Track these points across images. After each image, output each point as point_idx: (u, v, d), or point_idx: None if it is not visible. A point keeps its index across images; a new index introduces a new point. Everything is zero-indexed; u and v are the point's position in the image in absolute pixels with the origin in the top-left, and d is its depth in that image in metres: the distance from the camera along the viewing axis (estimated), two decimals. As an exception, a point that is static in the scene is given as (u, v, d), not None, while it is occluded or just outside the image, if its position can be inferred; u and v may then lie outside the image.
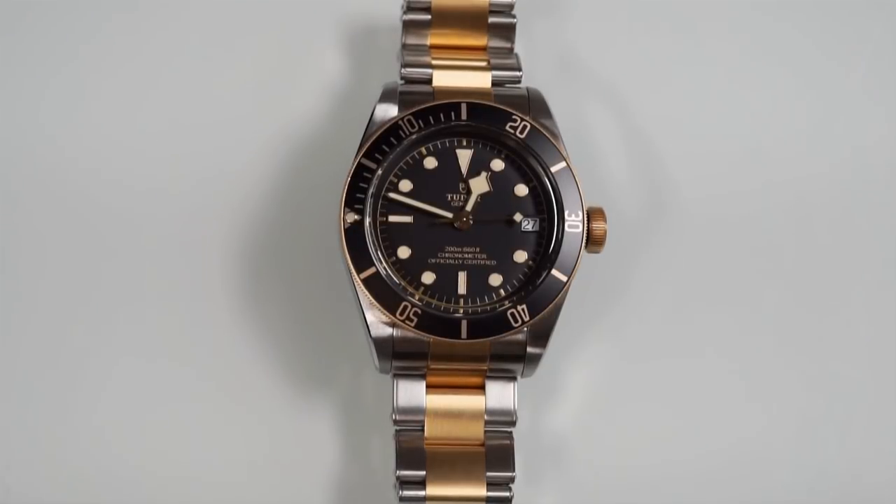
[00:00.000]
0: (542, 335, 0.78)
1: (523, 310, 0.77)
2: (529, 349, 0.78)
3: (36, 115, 0.85)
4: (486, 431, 0.79)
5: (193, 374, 0.84)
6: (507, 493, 0.78)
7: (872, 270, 0.87)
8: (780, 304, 0.86)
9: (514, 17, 0.81)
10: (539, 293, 0.78)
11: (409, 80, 0.80)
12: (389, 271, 0.78)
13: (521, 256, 0.79)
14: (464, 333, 0.77)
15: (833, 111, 0.88)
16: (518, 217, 0.79)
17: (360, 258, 0.77)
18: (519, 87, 0.81)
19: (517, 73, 0.80)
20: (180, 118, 0.85)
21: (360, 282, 0.77)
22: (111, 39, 0.86)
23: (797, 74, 0.88)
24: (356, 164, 0.78)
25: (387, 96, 0.79)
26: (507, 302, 0.78)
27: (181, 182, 0.85)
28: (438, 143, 0.79)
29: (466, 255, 0.79)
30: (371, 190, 0.78)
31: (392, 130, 0.78)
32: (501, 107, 0.79)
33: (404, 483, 0.78)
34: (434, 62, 0.80)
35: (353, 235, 0.77)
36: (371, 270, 0.77)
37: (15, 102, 0.85)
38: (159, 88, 0.86)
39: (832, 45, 0.88)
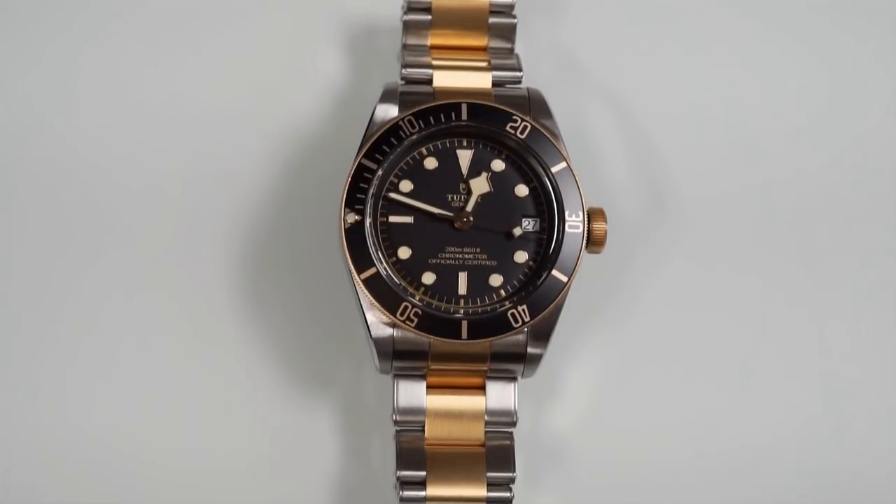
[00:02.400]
0: (542, 335, 0.78)
1: (524, 310, 0.77)
2: (530, 349, 0.78)
3: (32, 108, 0.85)
4: (486, 432, 0.79)
5: (193, 374, 0.84)
6: (507, 494, 0.78)
7: (874, 267, 0.87)
8: (781, 304, 0.86)
9: (514, 17, 0.81)
10: (539, 294, 0.78)
11: (409, 81, 0.80)
12: (390, 272, 0.78)
13: (521, 257, 0.79)
14: (464, 334, 0.77)
15: (841, 105, 0.88)
16: (517, 231, 0.78)
17: (361, 258, 0.77)
18: (519, 88, 0.81)
19: (518, 74, 0.80)
20: (180, 118, 0.85)
21: (360, 282, 0.77)
22: (109, 37, 0.86)
23: (801, 71, 0.88)
24: (356, 164, 0.78)
25: (387, 96, 0.79)
26: (507, 302, 0.78)
27: (181, 182, 0.85)
28: (439, 143, 0.79)
29: (467, 256, 0.79)
30: (371, 190, 0.78)
31: (392, 131, 0.78)
32: (502, 107, 0.79)
33: (405, 483, 0.78)
34: (434, 62, 0.80)
35: (354, 236, 0.77)
36: (371, 271, 0.77)
37: (11, 90, 0.85)
38: (159, 88, 0.86)
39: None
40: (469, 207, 0.79)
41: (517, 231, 0.79)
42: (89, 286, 0.84)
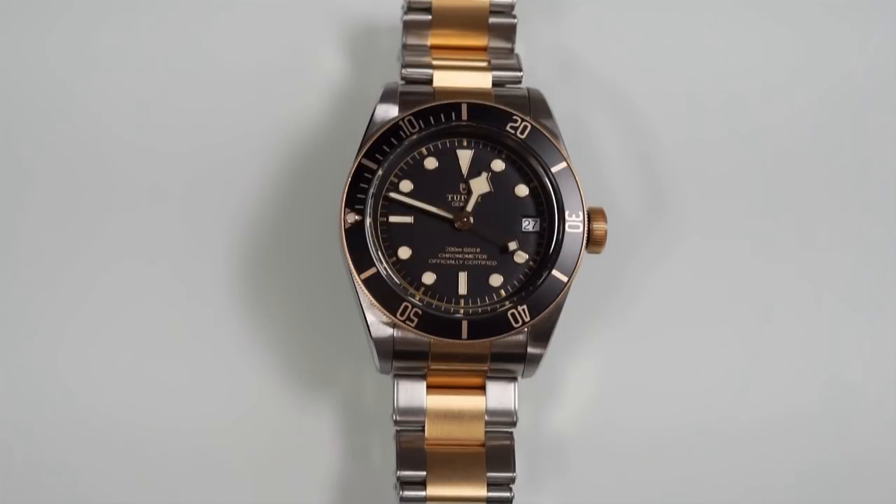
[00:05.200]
0: (542, 335, 0.78)
1: (524, 310, 0.77)
2: (530, 349, 0.78)
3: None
4: (486, 432, 0.79)
5: (193, 374, 0.84)
6: (507, 494, 0.78)
7: (876, 258, 0.87)
8: (782, 300, 0.86)
9: (514, 17, 0.81)
10: (539, 293, 0.78)
11: (409, 81, 0.80)
12: (390, 272, 0.78)
13: (521, 257, 0.79)
14: (464, 334, 0.77)
15: (847, 100, 0.88)
16: (513, 246, 0.78)
17: (361, 259, 0.77)
18: (519, 88, 0.81)
19: (518, 74, 0.80)
20: (179, 119, 0.85)
21: (360, 282, 0.77)
22: (107, 34, 0.86)
23: (806, 66, 0.88)
24: (357, 164, 0.78)
25: (387, 97, 0.79)
26: (507, 302, 0.78)
27: (181, 181, 0.85)
28: (439, 143, 0.79)
29: (467, 256, 0.79)
30: (372, 190, 0.78)
31: (393, 131, 0.78)
32: (502, 107, 0.79)
33: (405, 483, 0.78)
34: (435, 62, 0.80)
35: (354, 236, 0.77)
36: (372, 271, 0.77)
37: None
38: (159, 88, 0.85)
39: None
40: (469, 207, 0.79)
41: (512, 245, 0.79)
42: (84, 284, 0.84)
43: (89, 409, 0.83)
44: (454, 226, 0.79)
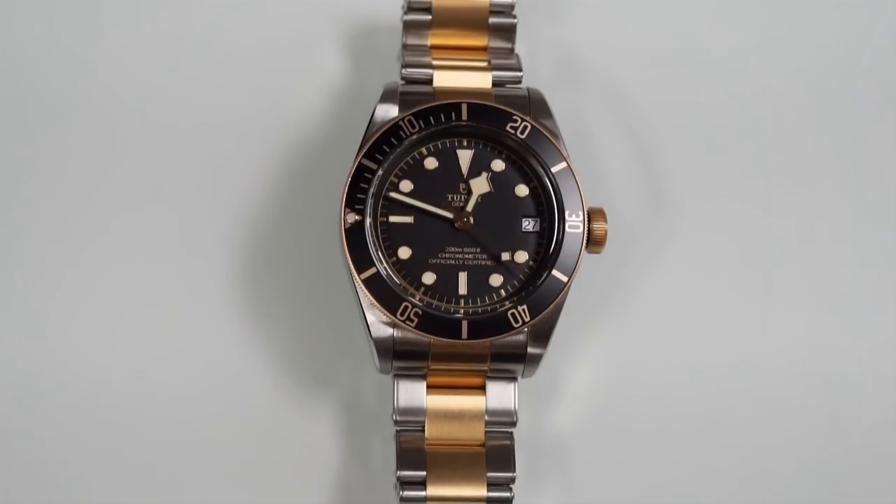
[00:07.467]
0: (542, 335, 0.78)
1: (524, 310, 0.77)
2: (530, 349, 0.78)
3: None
4: (486, 432, 0.79)
5: (193, 374, 0.84)
6: (507, 494, 0.78)
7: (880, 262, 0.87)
8: (782, 305, 0.86)
9: (514, 17, 0.81)
10: (540, 294, 0.78)
11: (409, 81, 0.80)
12: (390, 271, 0.78)
13: (521, 257, 0.79)
14: (464, 334, 0.77)
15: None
16: (506, 256, 0.78)
17: (361, 258, 0.77)
18: (519, 88, 0.81)
19: (518, 74, 0.80)
20: (178, 118, 0.85)
21: (360, 282, 0.77)
22: (108, 36, 0.86)
23: (808, 61, 0.88)
24: (357, 164, 0.78)
25: (387, 96, 0.79)
26: (507, 302, 0.78)
27: (182, 182, 0.85)
28: (439, 143, 0.80)
29: (467, 256, 0.79)
30: (372, 190, 0.78)
31: (393, 131, 0.78)
32: (502, 107, 0.79)
33: (405, 483, 0.78)
34: (434, 62, 0.80)
35: (354, 236, 0.78)
36: (372, 271, 0.77)
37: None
38: (159, 88, 0.86)
39: None
40: (469, 207, 0.79)
41: (505, 256, 0.79)
42: (84, 287, 0.84)
43: (88, 410, 0.84)
44: (454, 226, 0.79)
